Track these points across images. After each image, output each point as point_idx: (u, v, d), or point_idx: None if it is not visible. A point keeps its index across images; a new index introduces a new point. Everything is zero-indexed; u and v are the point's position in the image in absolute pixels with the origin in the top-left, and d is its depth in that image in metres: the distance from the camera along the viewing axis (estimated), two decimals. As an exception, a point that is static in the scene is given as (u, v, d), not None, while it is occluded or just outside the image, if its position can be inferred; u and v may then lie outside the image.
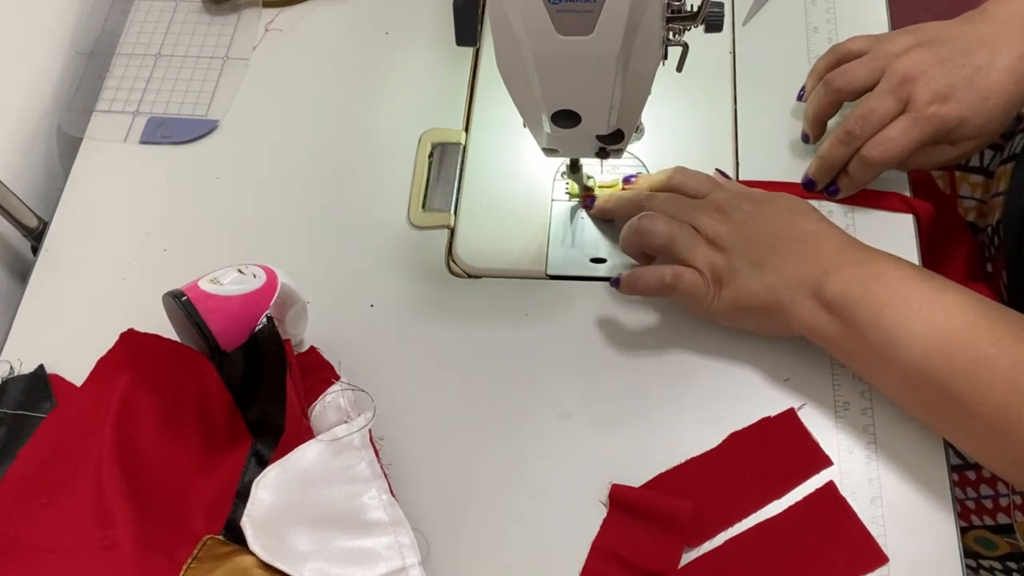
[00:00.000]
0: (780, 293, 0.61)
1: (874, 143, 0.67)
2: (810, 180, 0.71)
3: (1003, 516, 0.73)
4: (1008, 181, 0.74)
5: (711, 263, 0.63)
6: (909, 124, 0.66)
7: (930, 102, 0.65)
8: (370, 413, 0.60)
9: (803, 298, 0.61)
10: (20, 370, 0.67)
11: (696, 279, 0.63)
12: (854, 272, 0.59)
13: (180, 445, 0.60)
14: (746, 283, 0.62)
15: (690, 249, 0.64)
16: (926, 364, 0.56)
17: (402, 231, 0.73)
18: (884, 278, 0.59)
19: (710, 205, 0.65)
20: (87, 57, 0.84)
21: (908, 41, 0.68)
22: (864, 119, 0.67)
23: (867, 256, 0.61)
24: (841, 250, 0.61)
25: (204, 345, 0.60)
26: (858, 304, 0.58)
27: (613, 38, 0.53)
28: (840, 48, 0.71)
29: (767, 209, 0.64)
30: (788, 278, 0.61)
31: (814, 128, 0.72)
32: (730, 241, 0.63)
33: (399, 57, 0.82)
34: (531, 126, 0.63)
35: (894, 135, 0.66)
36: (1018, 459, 0.55)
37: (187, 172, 0.77)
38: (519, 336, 0.68)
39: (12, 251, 0.79)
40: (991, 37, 0.66)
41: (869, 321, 0.58)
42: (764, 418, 0.64)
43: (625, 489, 0.61)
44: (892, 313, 0.57)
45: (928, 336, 0.56)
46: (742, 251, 0.62)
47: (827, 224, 0.64)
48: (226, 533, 0.57)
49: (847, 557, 0.59)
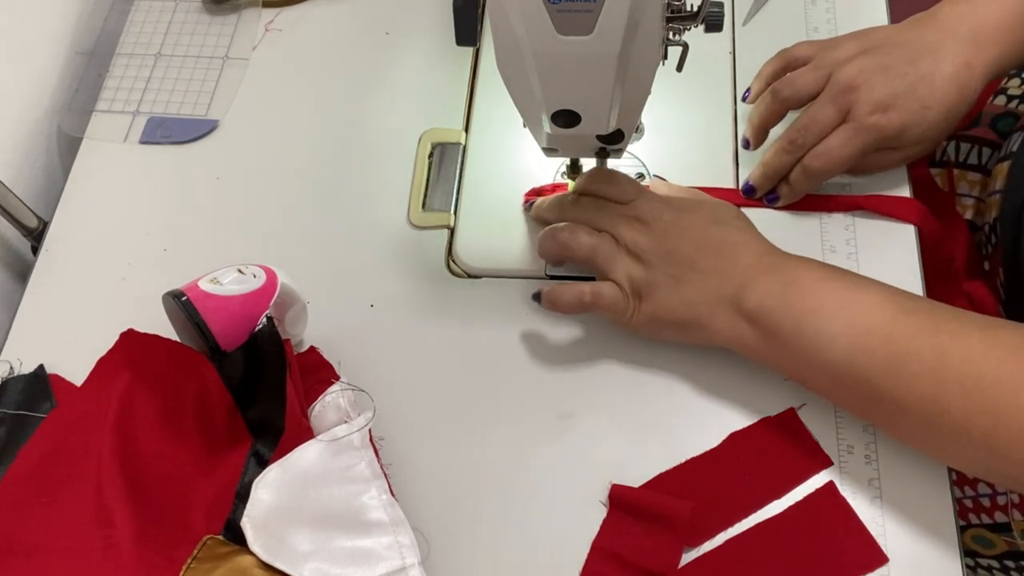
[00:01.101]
0: (698, 308, 0.62)
1: (815, 154, 0.67)
2: (750, 187, 0.71)
3: (1001, 515, 0.73)
4: (1005, 179, 0.74)
5: (631, 276, 0.63)
6: (850, 135, 0.66)
7: (871, 112, 0.65)
8: (370, 413, 0.60)
9: (722, 312, 0.61)
10: (20, 370, 0.67)
11: (615, 295, 0.63)
12: (770, 281, 0.60)
13: (180, 445, 0.60)
14: (665, 298, 0.62)
15: (610, 261, 0.64)
16: (851, 363, 0.57)
17: (402, 231, 0.73)
18: (800, 284, 0.59)
19: (632, 213, 0.64)
20: (87, 57, 0.84)
21: (854, 48, 0.68)
22: (806, 129, 0.67)
23: (782, 262, 0.61)
24: (757, 260, 0.61)
25: (204, 345, 0.60)
26: (777, 312, 0.59)
27: (613, 38, 0.53)
28: (787, 53, 0.71)
29: (688, 219, 0.64)
30: (706, 292, 0.61)
31: (757, 135, 0.72)
32: (650, 253, 0.63)
33: (399, 57, 0.82)
34: (531, 126, 0.63)
35: (834, 145, 0.66)
36: (947, 448, 0.56)
37: (187, 172, 0.77)
38: (519, 336, 0.68)
39: (12, 251, 0.79)
40: (936, 44, 0.66)
41: (790, 329, 0.58)
42: (764, 418, 0.64)
43: (625, 489, 0.61)
44: (811, 318, 0.58)
45: (849, 336, 0.57)
46: (662, 264, 0.62)
47: (749, 233, 0.64)
48: (226, 533, 0.57)
49: (847, 557, 0.59)
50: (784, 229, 0.70)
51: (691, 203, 0.66)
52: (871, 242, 0.70)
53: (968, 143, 0.81)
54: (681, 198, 0.67)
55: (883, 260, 0.68)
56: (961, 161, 0.82)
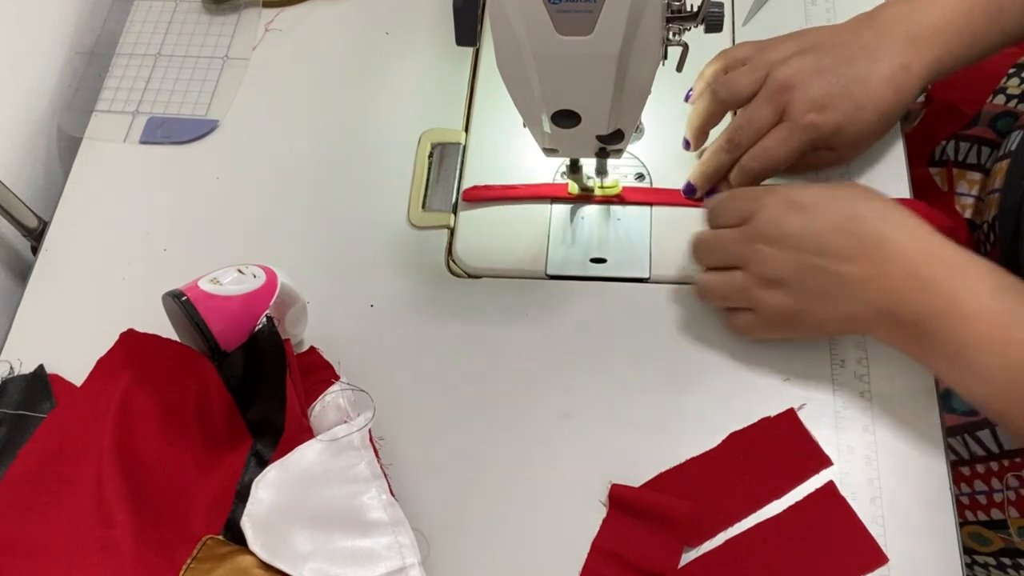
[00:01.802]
0: (849, 324, 0.61)
1: (752, 154, 0.67)
2: (690, 186, 0.71)
3: (997, 512, 0.74)
4: (1003, 178, 0.74)
5: (773, 308, 0.62)
6: (786, 134, 0.66)
7: (806, 111, 0.65)
8: (370, 413, 0.61)
9: (877, 323, 0.59)
10: (20, 370, 0.67)
11: (751, 324, 0.63)
12: (927, 302, 0.57)
13: (180, 445, 0.60)
14: (813, 322, 0.61)
15: (747, 301, 0.63)
16: (1006, 400, 0.56)
17: (402, 231, 0.73)
18: (956, 314, 0.56)
19: (754, 236, 0.61)
20: (87, 57, 0.84)
21: (791, 48, 0.68)
22: (742, 128, 0.67)
23: (941, 278, 0.57)
24: (914, 271, 0.57)
25: (204, 345, 0.60)
26: (934, 337, 0.57)
27: (613, 38, 0.53)
28: (728, 54, 0.71)
29: (820, 222, 0.60)
30: (858, 306, 0.59)
31: (697, 136, 0.72)
32: (787, 279, 0.60)
33: (399, 57, 0.82)
34: (531, 126, 0.63)
35: (770, 145, 0.66)
36: None
37: (187, 172, 0.77)
38: (519, 336, 0.68)
39: (12, 251, 0.79)
40: (874, 45, 0.66)
41: (946, 355, 0.57)
42: (764, 418, 0.64)
43: (625, 489, 0.61)
44: (966, 353, 0.56)
45: (1004, 381, 0.55)
46: (804, 285, 0.60)
47: (900, 227, 0.59)
48: (226, 533, 0.57)
49: (847, 557, 0.59)
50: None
51: (820, 195, 0.62)
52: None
53: (967, 142, 0.82)
54: (806, 189, 0.64)
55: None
56: (960, 160, 0.82)
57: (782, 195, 0.62)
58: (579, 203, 0.73)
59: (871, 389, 0.64)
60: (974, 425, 0.72)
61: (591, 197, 0.73)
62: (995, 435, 0.72)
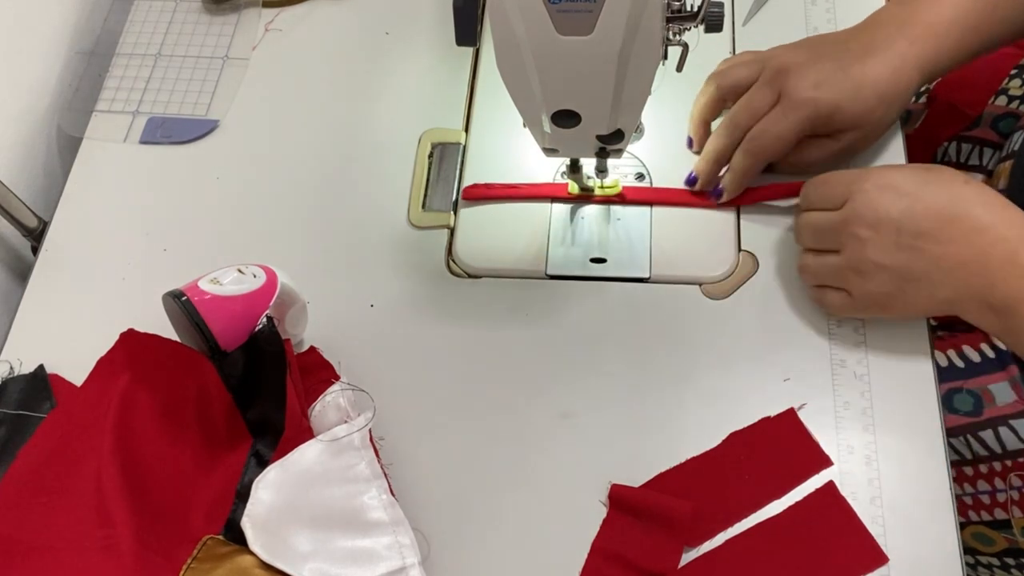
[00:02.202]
0: (942, 306, 0.61)
1: (751, 135, 0.68)
2: (693, 177, 0.71)
3: (1001, 512, 0.73)
4: (1007, 179, 0.74)
5: (870, 292, 0.62)
6: (785, 111, 0.67)
7: (804, 89, 0.66)
8: (370, 413, 0.60)
9: (970, 305, 0.60)
10: (20, 370, 0.67)
11: (844, 304, 0.64)
12: (1020, 286, 0.58)
13: (180, 445, 0.60)
14: (911, 301, 0.61)
15: (843, 283, 0.63)
16: None
17: (402, 231, 0.73)
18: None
19: (854, 220, 0.61)
20: (87, 57, 0.84)
21: (789, 47, 0.70)
22: (741, 110, 0.68)
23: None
24: (1011, 257, 0.58)
25: (204, 345, 0.60)
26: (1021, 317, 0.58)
27: (613, 38, 0.53)
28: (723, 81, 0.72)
29: (921, 207, 0.60)
30: (951, 289, 0.59)
31: (698, 129, 0.73)
32: (887, 259, 0.60)
33: (399, 57, 0.82)
34: (531, 126, 0.63)
35: (769, 125, 0.67)
36: None
37: (187, 172, 0.77)
38: (519, 336, 0.68)
39: (12, 251, 0.79)
40: (869, 40, 0.68)
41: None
42: (764, 418, 0.64)
43: (625, 489, 0.61)
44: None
45: None
46: (902, 269, 0.60)
47: (996, 211, 0.59)
48: (226, 533, 0.57)
49: (847, 557, 0.59)
50: (785, 227, 0.70)
51: (916, 179, 0.61)
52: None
53: (969, 144, 0.82)
54: (900, 171, 0.63)
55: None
56: (962, 162, 0.82)
57: (878, 178, 0.62)
58: (579, 203, 0.73)
59: (871, 389, 0.64)
60: (977, 425, 0.72)
61: (591, 197, 0.73)
62: (998, 435, 0.72)
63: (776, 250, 0.70)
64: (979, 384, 0.72)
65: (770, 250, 0.70)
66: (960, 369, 0.73)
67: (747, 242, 0.71)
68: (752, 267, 0.70)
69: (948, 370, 0.73)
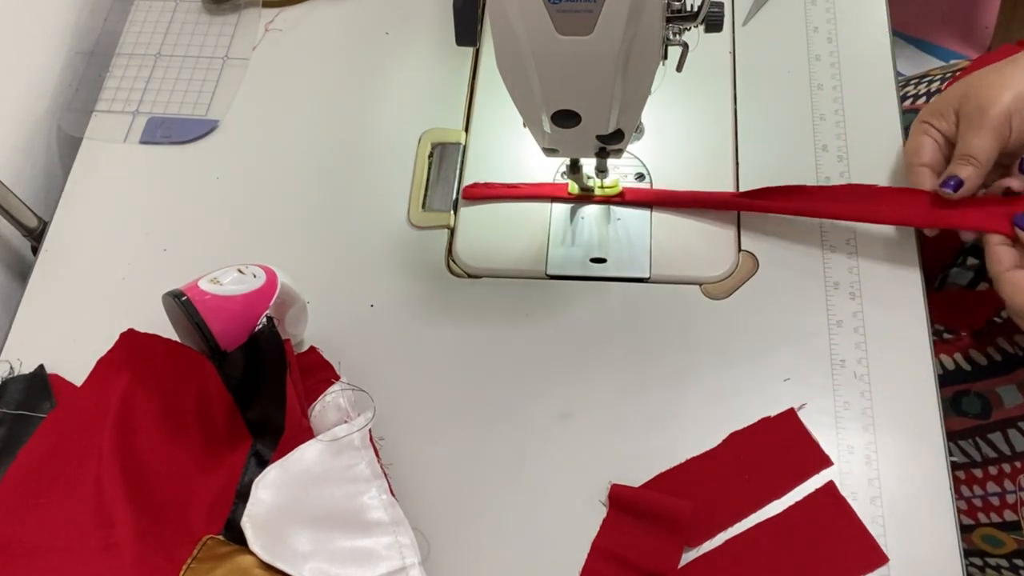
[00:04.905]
0: None
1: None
2: (958, 180, 0.65)
3: (1010, 513, 0.74)
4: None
5: None
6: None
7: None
8: (370, 413, 0.61)
9: None
10: (20, 370, 0.67)
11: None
12: None
13: (180, 445, 0.60)
14: None
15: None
16: None
17: (402, 231, 0.73)
18: None
19: None
20: (87, 57, 0.84)
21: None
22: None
23: None
24: None
25: (204, 345, 0.60)
26: None
27: (613, 38, 0.53)
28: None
29: None
30: None
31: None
32: None
33: (399, 57, 0.82)
34: (531, 126, 0.63)
35: None
36: None
37: (187, 172, 0.77)
38: (519, 336, 0.68)
39: (12, 251, 0.79)
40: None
41: None
42: (764, 418, 0.64)
43: (625, 489, 0.61)
44: None
45: None
46: None
47: None
48: (226, 533, 0.57)
49: (847, 557, 0.59)
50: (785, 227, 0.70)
51: None
52: (873, 240, 0.70)
53: None
54: None
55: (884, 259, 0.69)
56: None
57: None
58: (579, 203, 0.73)
59: (871, 389, 0.64)
60: (985, 428, 0.72)
61: (591, 197, 0.73)
62: (1006, 437, 0.72)
63: (776, 250, 0.70)
64: (987, 387, 0.72)
65: (770, 250, 0.70)
66: (967, 372, 0.73)
67: (747, 242, 0.71)
68: (752, 267, 0.70)
69: (955, 373, 0.73)
